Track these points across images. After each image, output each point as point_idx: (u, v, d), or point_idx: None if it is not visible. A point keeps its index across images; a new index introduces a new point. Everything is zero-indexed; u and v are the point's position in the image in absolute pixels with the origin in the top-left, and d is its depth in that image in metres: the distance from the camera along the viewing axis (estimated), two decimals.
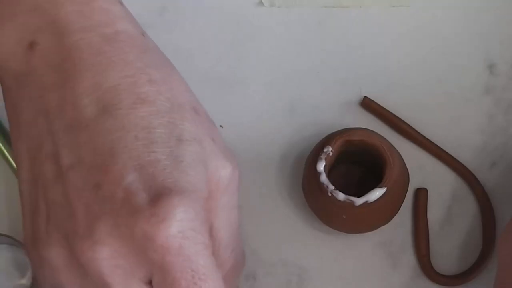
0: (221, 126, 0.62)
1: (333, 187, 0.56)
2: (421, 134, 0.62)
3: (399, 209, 0.58)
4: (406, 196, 0.58)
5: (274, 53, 0.63)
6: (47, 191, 0.46)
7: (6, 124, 0.62)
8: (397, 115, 0.62)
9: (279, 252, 0.61)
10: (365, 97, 0.62)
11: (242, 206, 0.62)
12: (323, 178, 0.57)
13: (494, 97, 0.63)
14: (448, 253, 0.61)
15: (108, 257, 0.44)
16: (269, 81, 0.63)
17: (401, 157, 0.58)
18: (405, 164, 0.58)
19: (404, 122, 0.62)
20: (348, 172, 0.61)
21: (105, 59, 0.47)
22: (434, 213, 0.61)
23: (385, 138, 0.58)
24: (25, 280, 0.60)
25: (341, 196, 0.56)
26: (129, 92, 0.46)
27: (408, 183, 0.58)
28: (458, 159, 0.62)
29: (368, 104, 0.62)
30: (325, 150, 0.57)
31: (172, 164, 0.46)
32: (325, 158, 0.57)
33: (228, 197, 0.50)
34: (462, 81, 0.61)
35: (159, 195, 0.44)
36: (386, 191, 0.56)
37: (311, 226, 0.60)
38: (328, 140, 0.58)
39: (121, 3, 0.50)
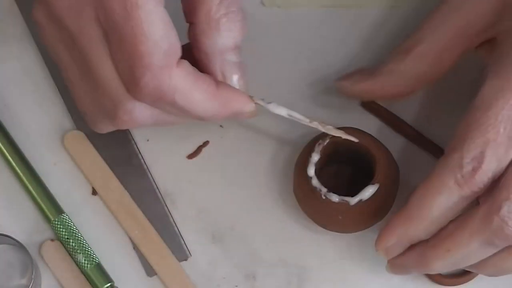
0: (221, 126, 0.63)
1: (326, 190, 0.56)
2: (421, 134, 0.62)
3: (392, 204, 0.58)
4: (400, 193, 0.58)
5: (274, 53, 0.63)
6: None
7: (6, 124, 0.62)
8: (397, 115, 0.62)
9: (279, 252, 0.61)
10: None
11: (243, 205, 0.62)
12: (315, 182, 0.57)
13: None
14: None
15: None
16: (269, 81, 0.63)
17: (389, 152, 0.58)
18: (393, 159, 0.58)
19: (404, 122, 0.62)
20: (335, 173, 0.61)
21: None
22: None
23: (370, 135, 0.58)
24: (25, 280, 0.60)
25: (335, 197, 0.56)
26: None
27: (399, 178, 0.58)
28: None
29: (368, 104, 0.62)
30: (313, 154, 0.57)
31: None
32: (315, 163, 0.57)
33: None
34: (462, 80, 0.61)
35: None
36: (378, 187, 0.56)
37: (311, 226, 0.60)
38: (314, 143, 0.58)
39: None
